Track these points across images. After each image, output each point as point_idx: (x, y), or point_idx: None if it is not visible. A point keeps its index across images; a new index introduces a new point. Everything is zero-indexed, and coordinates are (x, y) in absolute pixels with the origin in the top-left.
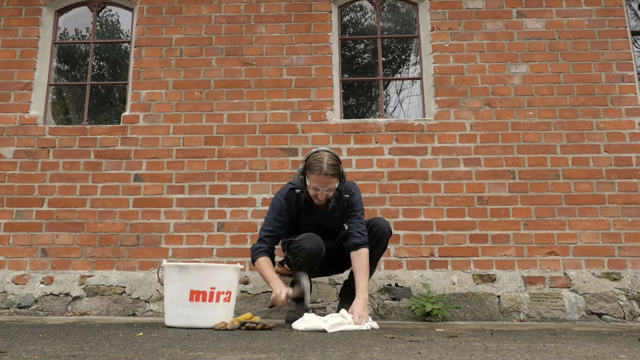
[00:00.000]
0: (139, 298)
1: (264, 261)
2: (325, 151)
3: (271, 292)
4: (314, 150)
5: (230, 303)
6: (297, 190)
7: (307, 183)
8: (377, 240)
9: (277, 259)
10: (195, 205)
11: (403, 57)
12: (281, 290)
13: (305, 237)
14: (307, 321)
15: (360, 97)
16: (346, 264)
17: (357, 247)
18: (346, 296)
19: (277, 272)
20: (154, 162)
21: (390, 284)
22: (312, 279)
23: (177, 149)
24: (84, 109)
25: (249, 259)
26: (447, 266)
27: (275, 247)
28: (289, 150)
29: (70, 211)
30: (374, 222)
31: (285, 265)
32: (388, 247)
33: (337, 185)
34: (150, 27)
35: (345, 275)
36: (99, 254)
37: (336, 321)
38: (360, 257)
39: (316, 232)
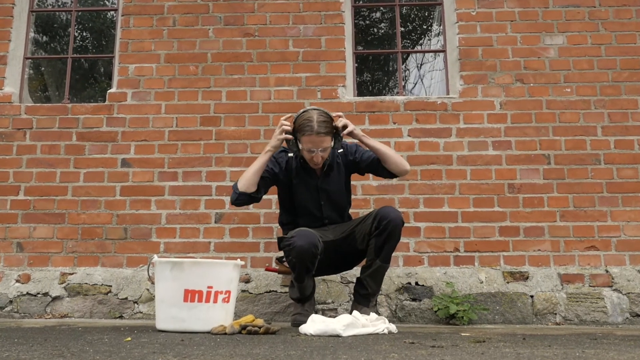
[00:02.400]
0: (126, 298)
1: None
2: (314, 109)
3: (275, 291)
4: (301, 110)
5: (230, 304)
6: (290, 155)
7: (300, 147)
8: (388, 234)
9: (278, 254)
10: (190, 193)
11: (424, 26)
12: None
13: (297, 233)
14: (317, 323)
15: (376, 72)
16: (355, 258)
17: None
18: (360, 296)
19: (276, 271)
20: (144, 145)
21: (409, 283)
22: (318, 277)
23: (170, 130)
24: (65, 86)
25: (251, 255)
26: (473, 262)
27: (257, 197)
28: None
29: (50, 200)
30: (382, 213)
31: (285, 263)
32: (407, 240)
33: (331, 144)
34: None
35: (357, 272)
36: (82, 248)
37: (348, 321)
38: None
39: (316, 202)
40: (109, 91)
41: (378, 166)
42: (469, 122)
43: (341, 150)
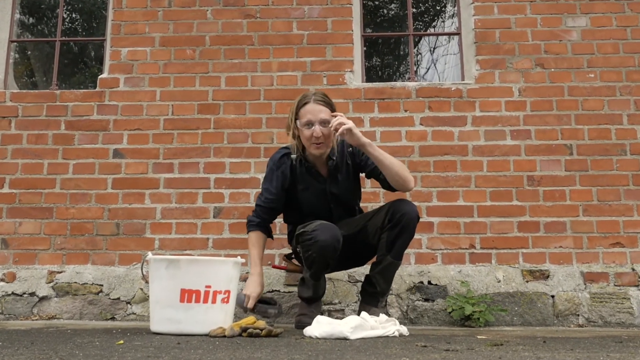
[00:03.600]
0: (119, 299)
1: (253, 237)
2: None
3: (278, 290)
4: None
5: (229, 304)
6: (293, 156)
7: (299, 126)
8: (401, 228)
9: (284, 251)
10: (187, 186)
11: (438, 7)
12: (253, 290)
13: (319, 226)
14: (323, 325)
15: (386, 57)
16: (366, 254)
17: None
18: (368, 296)
19: (284, 268)
20: (137, 134)
21: (422, 282)
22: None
23: (165, 118)
24: (53, 71)
25: None
26: (490, 260)
27: (274, 220)
28: None
29: (36, 194)
30: (395, 206)
31: (294, 260)
32: (419, 236)
33: (331, 120)
34: None
35: (367, 269)
36: (71, 245)
37: (356, 323)
38: None
39: (325, 206)
40: (100, 77)
41: (379, 176)
42: (486, 109)
43: (350, 149)
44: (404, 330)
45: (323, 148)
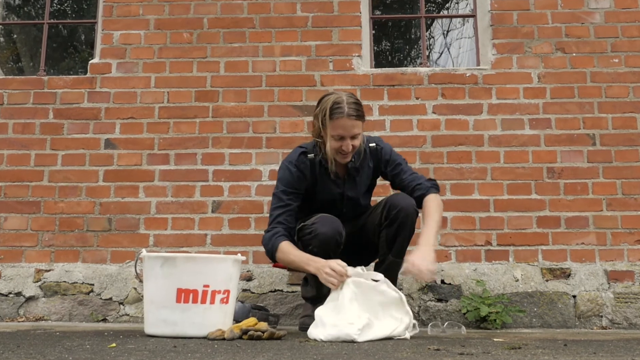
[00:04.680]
0: (111, 299)
1: (286, 245)
2: (340, 92)
3: (280, 290)
4: (325, 95)
5: (229, 305)
6: (311, 155)
7: (328, 133)
8: (399, 225)
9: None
10: (184, 179)
11: None
12: (329, 264)
13: (319, 219)
14: (328, 328)
15: (397, 40)
16: (371, 254)
17: (423, 197)
18: None
19: (286, 267)
20: (131, 123)
21: (434, 281)
22: None
23: (160, 106)
24: (41, 55)
25: (253, 249)
26: (508, 257)
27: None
28: (304, 108)
29: (23, 187)
30: (391, 201)
31: None
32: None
33: (361, 131)
34: None
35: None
36: (60, 241)
37: (363, 323)
38: (428, 202)
39: (338, 207)
40: (90, 62)
41: (398, 185)
42: (503, 97)
43: (373, 144)
44: (415, 331)
45: (349, 157)
